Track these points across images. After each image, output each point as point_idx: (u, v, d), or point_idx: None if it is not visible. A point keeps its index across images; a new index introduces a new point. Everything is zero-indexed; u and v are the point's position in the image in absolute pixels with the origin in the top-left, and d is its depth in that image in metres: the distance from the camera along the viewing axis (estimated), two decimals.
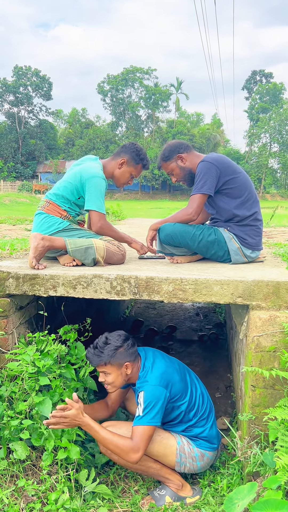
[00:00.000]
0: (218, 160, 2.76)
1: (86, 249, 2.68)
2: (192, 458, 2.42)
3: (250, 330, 2.32)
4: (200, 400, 2.51)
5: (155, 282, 2.43)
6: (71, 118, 64.42)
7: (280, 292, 2.32)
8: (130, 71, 57.87)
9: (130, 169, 2.96)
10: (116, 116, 61.07)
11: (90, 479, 2.36)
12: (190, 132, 55.57)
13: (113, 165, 2.95)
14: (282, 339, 2.25)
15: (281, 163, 58.29)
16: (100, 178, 2.79)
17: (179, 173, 2.93)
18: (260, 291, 2.33)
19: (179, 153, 2.90)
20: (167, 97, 58.66)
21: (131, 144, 2.99)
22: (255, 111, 61.03)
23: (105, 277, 2.47)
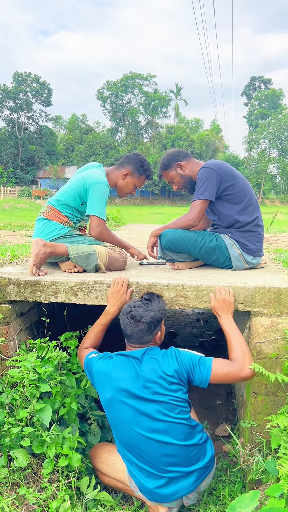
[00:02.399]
0: (219, 166, 2.77)
1: (88, 256, 2.68)
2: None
3: (252, 336, 2.31)
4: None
5: (156, 288, 2.43)
6: (71, 124, 64.66)
7: (281, 299, 2.31)
8: (130, 77, 58.17)
9: (134, 179, 2.98)
10: (115, 122, 61.31)
11: (91, 487, 2.34)
12: (189, 138, 55.75)
13: (117, 175, 2.96)
14: (284, 345, 2.25)
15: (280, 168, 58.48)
16: (104, 184, 2.80)
17: (180, 181, 2.94)
18: (261, 298, 2.33)
19: (178, 161, 2.90)
20: (167, 103, 58.92)
21: (135, 155, 3.00)
22: (254, 117, 61.31)
23: (106, 284, 2.46)
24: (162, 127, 61.18)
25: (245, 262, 2.83)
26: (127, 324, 2.25)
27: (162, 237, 2.86)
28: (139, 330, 2.22)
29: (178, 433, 2.10)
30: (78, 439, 2.38)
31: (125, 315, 2.27)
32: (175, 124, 61.42)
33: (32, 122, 58.12)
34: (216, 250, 2.80)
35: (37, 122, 58.21)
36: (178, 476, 2.11)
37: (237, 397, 3.12)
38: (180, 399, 2.12)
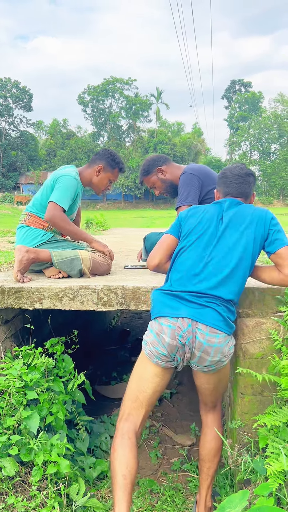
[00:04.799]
0: (199, 170, 2.79)
1: (71, 261, 2.67)
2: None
3: (238, 337, 2.33)
4: None
5: (142, 292, 2.43)
6: (52, 129, 64.33)
7: (266, 299, 2.34)
8: (110, 81, 58.21)
9: (108, 174, 2.98)
10: (97, 126, 61.25)
11: (81, 494, 2.33)
12: (171, 141, 56.00)
13: (90, 172, 2.96)
14: (269, 345, 2.27)
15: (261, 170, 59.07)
16: (70, 177, 2.79)
17: (161, 186, 2.95)
18: (246, 298, 2.35)
19: (158, 166, 2.92)
20: (148, 107, 59.10)
21: (104, 150, 3.01)
22: (235, 120, 61.93)
23: (91, 288, 2.46)
24: (144, 131, 61.33)
25: None
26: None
27: (147, 240, 2.87)
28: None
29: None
30: (66, 446, 2.36)
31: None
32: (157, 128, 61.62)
33: (13, 127, 57.71)
34: None
35: (18, 127, 57.83)
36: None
37: (224, 398, 3.13)
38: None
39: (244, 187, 2.22)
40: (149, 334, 2.01)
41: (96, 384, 4.08)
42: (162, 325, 1.93)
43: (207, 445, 2.19)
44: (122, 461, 1.91)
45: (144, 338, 2.06)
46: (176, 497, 2.47)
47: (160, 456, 2.93)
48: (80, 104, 59.78)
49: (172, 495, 2.49)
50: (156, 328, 1.96)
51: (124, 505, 1.77)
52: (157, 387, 2.04)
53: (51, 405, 2.46)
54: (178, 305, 1.95)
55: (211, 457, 2.18)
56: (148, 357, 2.01)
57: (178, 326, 1.89)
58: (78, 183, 2.86)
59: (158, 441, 3.10)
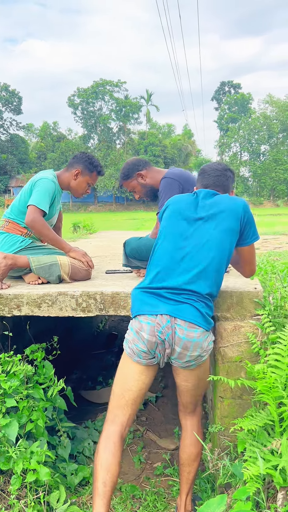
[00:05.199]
0: (180, 175, 2.79)
1: (50, 266, 2.66)
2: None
3: (217, 341, 2.33)
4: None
5: (121, 297, 2.43)
6: (43, 132, 64.20)
7: (243, 302, 2.34)
8: (100, 84, 58.20)
9: (86, 178, 2.97)
10: (87, 129, 61.16)
11: (61, 501, 2.32)
12: (161, 143, 56.14)
13: (68, 176, 2.95)
14: (247, 349, 2.28)
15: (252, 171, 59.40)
16: (48, 180, 2.79)
17: (141, 190, 2.95)
18: (224, 302, 2.35)
19: (138, 170, 2.91)
20: (138, 109, 59.15)
21: (82, 153, 3.00)
22: (225, 121, 62.18)
23: (70, 294, 2.45)
24: (134, 133, 61.40)
25: None
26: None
27: (127, 245, 2.87)
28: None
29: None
30: (46, 453, 2.35)
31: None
32: (147, 130, 61.73)
33: (3, 131, 57.48)
34: None
35: (7, 130, 57.61)
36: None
37: (207, 402, 3.13)
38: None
39: (221, 179, 2.24)
40: (130, 332, 2.03)
41: (82, 389, 4.06)
42: (142, 322, 1.95)
43: (187, 450, 2.19)
44: (104, 466, 1.93)
45: (126, 337, 2.07)
46: (158, 502, 2.47)
47: (144, 461, 2.93)
48: (70, 106, 59.68)
49: (154, 500, 2.49)
50: (136, 326, 1.98)
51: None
52: (142, 385, 2.06)
53: (31, 413, 2.45)
54: (156, 302, 1.96)
55: (190, 462, 2.19)
56: (130, 356, 2.03)
57: (157, 323, 1.91)
58: (56, 186, 2.85)
59: (142, 446, 3.10)
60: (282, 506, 1.86)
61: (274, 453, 1.94)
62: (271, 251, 3.79)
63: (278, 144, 59.18)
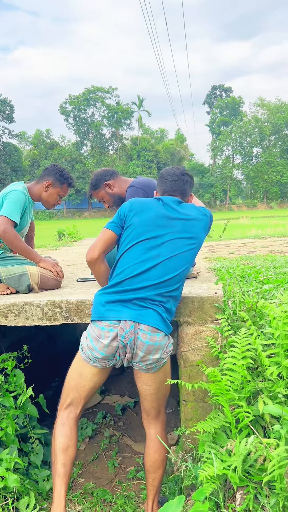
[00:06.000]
0: (145, 184, 2.86)
1: (20, 276, 2.71)
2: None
3: (179, 345, 2.39)
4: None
5: (86, 305, 2.48)
6: (36, 140, 64.29)
7: (204, 307, 2.40)
8: (91, 90, 58.45)
9: (57, 190, 3.03)
10: (80, 135, 61.35)
11: (31, 507, 2.36)
12: (154, 148, 56.36)
13: (39, 188, 3.01)
14: (208, 353, 2.33)
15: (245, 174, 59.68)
16: (18, 191, 2.84)
17: (109, 200, 3.02)
18: (186, 307, 2.41)
19: (106, 180, 2.98)
20: (130, 115, 59.42)
21: (53, 166, 3.07)
22: (216, 125, 62.49)
23: (36, 304, 2.50)
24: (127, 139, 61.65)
25: None
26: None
27: None
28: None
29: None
30: (15, 460, 2.39)
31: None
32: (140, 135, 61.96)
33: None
34: None
35: (0, 139, 57.68)
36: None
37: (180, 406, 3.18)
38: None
39: (179, 184, 2.31)
40: (86, 338, 2.08)
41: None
42: (103, 329, 1.99)
43: (151, 458, 2.24)
44: (62, 448, 2.09)
45: (82, 341, 2.12)
46: (127, 506, 2.51)
47: (117, 466, 2.97)
48: (62, 114, 59.89)
49: (123, 503, 2.53)
50: (96, 333, 2.02)
51: (63, 491, 2.01)
52: (95, 384, 2.18)
53: (0, 420, 2.49)
54: (120, 308, 2.01)
55: (155, 469, 2.24)
56: (85, 360, 2.10)
57: (121, 327, 1.96)
58: (26, 197, 2.90)
59: (116, 451, 3.14)
60: (240, 506, 1.92)
61: (231, 454, 2.00)
62: (243, 256, 3.85)
63: (270, 146, 59.53)
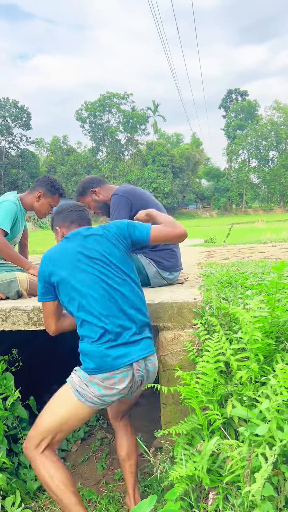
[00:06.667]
0: (129, 191, 2.95)
1: (9, 283, 2.82)
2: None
3: (158, 350, 2.46)
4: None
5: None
6: (53, 146, 65.17)
7: (183, 312, 2.47)
8: (107, 97, 59.00)
9: (48, 200, 3.15)
10: (96, 141, 61.94)
11: (16, 505, 2.45)
12: (169, 153, 56.45)
13: (31, 199, 3.13)
14: (185, 357, 2.40)
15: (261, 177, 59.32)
16: (9, 202, 2.96)
17: (95, 206, 3.12)
18: (165, 313, 2.48)
19: (92, 188, 3.08)
20: (145, 120, 59.79)
21: (44, 177, 3.19)
22: (232, 129, 62.32)
23: (22, 309, 2.60)
24: (142, 144, 61.95)
25: (163, 278, 3.00)
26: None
27: None
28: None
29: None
30: (3, 460, 2.49)
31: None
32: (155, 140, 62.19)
33: (13, 146, 58.46)
34: None
35: (18, 146, 58.57)
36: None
37: None
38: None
39: (85, 213, 2.38)
40: (90, 387, 1.98)
41: None
42: (117, 376, 1.97)
43: (125, 447, 2.40)
44: (65, 483, 2.02)
45: (81, 391, 2.01)
46: (111, 506, 2.58)
47: (106, 467, 3.04)
48: (78, 120, 60.54)
49: (107, 503, 2.60)
50: (107, 382, 1.97)
51: None
52: (86, 420, 2.21)
53: None
54: (125, 350, 2.00)
55: (130, 455, 2.41)
56: (82, 402, 2.01)
57: (136, 369, 2.02)
58: (17, 207, 3.02)
59: (107, 452, 3.22)
60: (211, 506, 1.98)
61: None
62: (236, 261, 3.90)
63: (286, 149, 59.07)
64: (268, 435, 1.78)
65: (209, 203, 63.31)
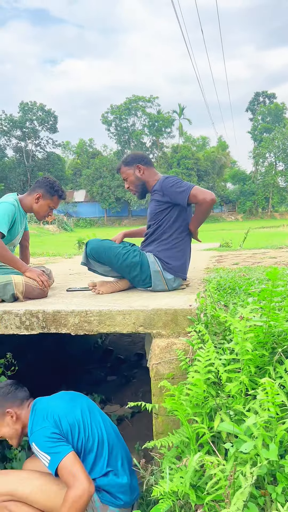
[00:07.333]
0: None
1: (4, 286, 2.78)
2: (92, 509, 2.12)
3: (150, 358, 2.38)
4: (101, 444, 2.25)
5: (61, 315, 2.51)
6: (79, 149, 65.81)
7: (178, 320, 2.38)
8: (133, 100, 59.22)
9: (47, 201, 3.10)
10: (121, 144, 62.23)
11: None
12: (194, 156, 56.17)
13: (30, 200, 3.09)
14: (178, 365, 2.30)
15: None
16: (7, 203, 2.92)
17: (133, 181, 3.04)
18: (159, 319, 2.39)
19: (139, 163, 3.03)
20: (170, 123, 59.73)
21: (44, 178, 3.14)
22: (258, 132, 61.62)
23: (14, 313, 2.56)
24: (167, 147, 61.88)
25: (165, 282, 2.90)
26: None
27: (88, 244, 2.95)
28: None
29: None
30: None
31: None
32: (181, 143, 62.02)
33: (40, 149, 59.36)
34: (137, 266, 2.87)
35: (44, 149, 59.42)
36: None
37: None
38: None
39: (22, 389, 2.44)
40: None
41: None
42: None
43: None
44: None
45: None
46: None
47: None
48: (103, 123, 60.96)
49: None
50: None
51: None
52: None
53: None
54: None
55: None
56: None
57: None
58: (16, 209, 2.98)
59: None
60: None
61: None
62: (244, 267, 3.78)
63: None
64: (254, 452, 1.68)
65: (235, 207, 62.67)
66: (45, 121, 57.11)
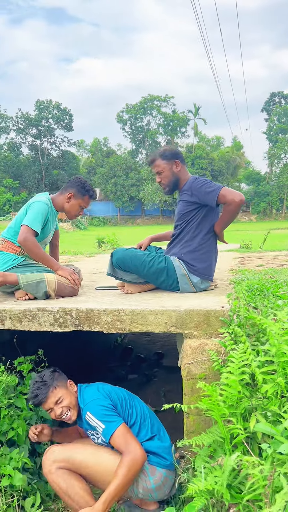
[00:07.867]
0: None
1: (37, 283, 2.84)
2: (142, 472, 2.31)
3: (182, 358, 2.41)
4: (143, 417, 2.51)
5: (94, 313, 2.56)
6: (93, 148, 65.98)
7: (210, 321, 2.41)
8: (148, 99, 59.17)
9: (78, 201, 3.15)
10: (135, 143, 62.24)
11: (36, 506, 2.45)
12: (209, 156, 55.96)
13: (62, 199, 3.14)
14: (210, 366, 2.33)
15: None
16: (41, 202, 2.99)
17: (167, 176, 3.05)
18: (191, 320, 2.42)
19: (177, 159, 3.05)
20: (185, 123, 59.57)
21: (76, 178, 3.19)
22: (274, 132, 61.16)
23: (48, 310, 2.61)
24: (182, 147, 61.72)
25: (192, 284, 2.93)
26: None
27: (114, 254, 2.97)
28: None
29: None
30: (24, 460, 2.50)
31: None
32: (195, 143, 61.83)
33: (55, 147, 59.67)
34: (164, 271, 2.90)
35: (59, 147, 59.70)
36: None
37: None
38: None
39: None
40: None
41: None
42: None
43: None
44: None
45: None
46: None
47: None
48: (118, 122, 61.04)
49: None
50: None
51: None
52: None
53: (13, 421, 2.61)
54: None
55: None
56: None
57: None
58: (49, 208, 3.04)
59: None
60: None
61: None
62: (270, 269, 3.79)
63: None
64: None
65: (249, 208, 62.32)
66: (61, 119, 57.36)
